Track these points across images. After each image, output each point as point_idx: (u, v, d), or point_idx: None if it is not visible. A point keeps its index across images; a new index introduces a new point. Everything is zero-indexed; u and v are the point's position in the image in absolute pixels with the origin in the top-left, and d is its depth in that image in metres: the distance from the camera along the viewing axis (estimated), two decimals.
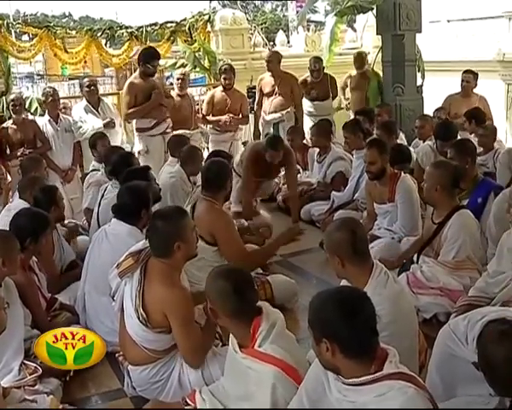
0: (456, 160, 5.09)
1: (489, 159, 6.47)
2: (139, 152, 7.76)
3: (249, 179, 6.79)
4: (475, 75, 8.13)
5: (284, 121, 8.69)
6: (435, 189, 4.52)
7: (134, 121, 7.85)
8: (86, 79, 8.13)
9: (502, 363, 2.41)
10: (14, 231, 4.09)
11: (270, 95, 8.72)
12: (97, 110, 7.91)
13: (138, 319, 3.50)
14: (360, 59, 9.42)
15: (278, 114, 8.67)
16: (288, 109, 8.71)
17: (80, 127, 7.72)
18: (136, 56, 8.39)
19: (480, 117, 7.30)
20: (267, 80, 8.76)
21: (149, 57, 7.56)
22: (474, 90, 8.18)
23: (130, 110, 7.61)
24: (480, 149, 6.73)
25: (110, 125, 7.76)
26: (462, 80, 8.12)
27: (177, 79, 8.49)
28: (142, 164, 7.56)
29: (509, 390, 2.47)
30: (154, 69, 7.66)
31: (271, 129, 8.77)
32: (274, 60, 8.64)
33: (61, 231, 5.22)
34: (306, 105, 9.25)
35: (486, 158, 6.52)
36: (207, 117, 8.45)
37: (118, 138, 7.95)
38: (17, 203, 5.33)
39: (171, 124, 7.84)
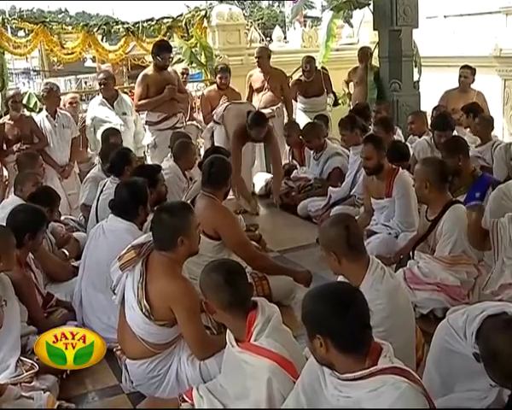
0: (448, 158, 5.10)
1: (486, 151, 6.47)
2: (148, 145, 7.78)
3: (237, 155, 7.08)
4: (473, 70, 8.12)
5: (274, 117, 8.68)
6: (425, 186, 4.51)
7: (144, 114, 7.93)
8: (102, 75, 8.14)
9: (505, 352, 2.42)
10: (12, 227, 4.08)
11: (259, 90, 8.71)
12: (112, 105, 7.90)
13: (141, 311, 3.51)
14: (363, 54, 9.41)
15: (268, 110, 8.63)
16: (278, 105, 8.71)
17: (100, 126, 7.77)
18: (133, 52, 8.41)
19: (478, 112, 7.31)
20: (257, 76, 8.75)
21: (159, 50, 7.65)
22: (472, 86, 8.18)
23: (141, 102, 7.67)
24: (476, 140, 6.76)
25: None
26: (460, 75, 8.12)
27: (181, 74, 8.54)
28: (149, 158, 7.69)
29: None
30: (165, 62, 7.68)
31: None
32: (264, 56, 8.63)
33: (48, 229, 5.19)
34: (301, 102, 9.25)
35: (483, 150, 6.52)
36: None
37: (131, 134, 7.98)
38: (12, 200, 5.32)
39: (183, 119, 7.89)
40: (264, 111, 8.61)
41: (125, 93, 10.52)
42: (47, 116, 7.55)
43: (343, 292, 2.45)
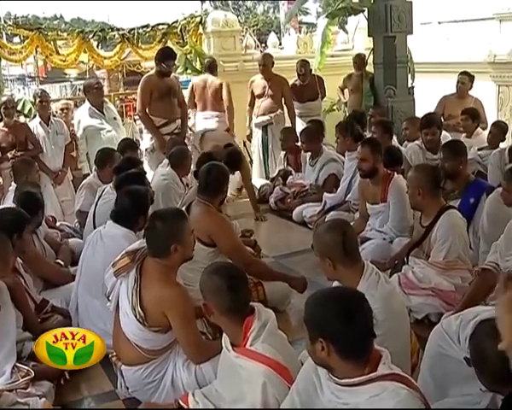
0: (450, 160, 5.12)
1: (488, 157, 6.47)
2: (146, 149, 7.79)
3: None
4: (471, 77, 8.14)
5: (273, 124, 8.73)
6: (418, 192, 4.53)
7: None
8: (93, 80, 8.16)
9: (496, 356, 2.43)
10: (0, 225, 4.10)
11: (260, 96, 8.76)
12: (102, 112, 7.91)
13: (136, 317, 3.51)
14: (359, 61, 9.43)
15: (267, 117, 8.71)
16: (277, 112, 8.76)
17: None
18: (128, 59, 8.42)
19: (480, 119, 7.41)
20: (258, 82, 8.81)
21: (164, 57, 7.65)
22: (470, 93, 8.20)
23: (143, 114, 7.67)
24: (472, 145, 6.81)
25: None
26: (458, 81, 8.14)
27: None
28: (147, 162, 7.70)
29: (501, 385, 2.48)
30: (169, 69, 7.71)
31: (261, 131, 8.83)
32: (268, 64, 8.70)
33: (41, 234, 5.21)
34: (296, 107, 9.26)
35: (486, 155, 6.54)
36: None
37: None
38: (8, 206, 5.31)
39: (180, 125, 7.88)
40: (262, 118, 8.68)
41: (121, 99, 10.56)
42: (40, 123, 7.57)
43: (350, 297, 2.46)
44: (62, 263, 5.17)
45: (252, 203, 7.40)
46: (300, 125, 8.76)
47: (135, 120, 8.84)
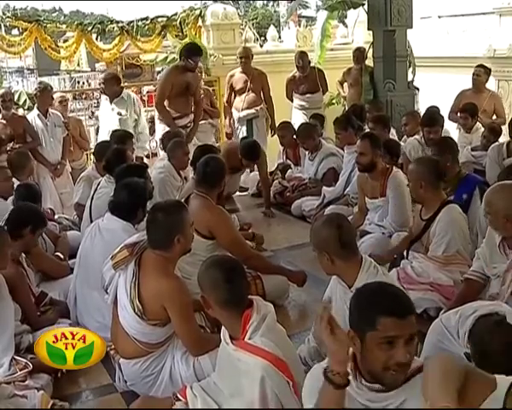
0: (438, 157, 5.11)
1: (484, 156, 6.47)
2: (160, 140, 7.79)
3: None
4: (487, 70, 8.10)
5: (258, 117, 8.71)
6: (420, 185, 4.52)
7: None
8: (102, 74, 8.20)
9: (497, 351, 2.43)
10: (16, 216, 4.25)
11: (242, 91, 8.66)
12: (113, 102, 7.91)
13: (134, 310, 3.51)
14: (359, 55, 9.41)
15: (252, 110, 8.65)
16: (261, 105, 8.71)
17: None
18: (127, 51, 8.42)
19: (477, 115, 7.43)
20: (238, 77, 8.69)
21: (191, 53, 7.61)
22: (488, 86, 8.17)
23: (161, 107, 7.65)
24: (471, 141, 6.81)
25: None
26: (473, 74, 8.07)
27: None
28: (162, 152, 7.66)
29: None
30: (196, 65, 7.68)
31: (245, 126, 8.76)
32: (249, 56, 8.62)
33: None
34: (297, 100, 9.26)
35: (481, 155, 6.55)
36: None
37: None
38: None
39: (193, 118, 7.88)
40: (248, 111, 8.63)
41: None
42: (38, 115, 7.56)
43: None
44: (62, 256, 5.17)
45: (265, 197, 7.28)
46: (301, 118, 8.76)
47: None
